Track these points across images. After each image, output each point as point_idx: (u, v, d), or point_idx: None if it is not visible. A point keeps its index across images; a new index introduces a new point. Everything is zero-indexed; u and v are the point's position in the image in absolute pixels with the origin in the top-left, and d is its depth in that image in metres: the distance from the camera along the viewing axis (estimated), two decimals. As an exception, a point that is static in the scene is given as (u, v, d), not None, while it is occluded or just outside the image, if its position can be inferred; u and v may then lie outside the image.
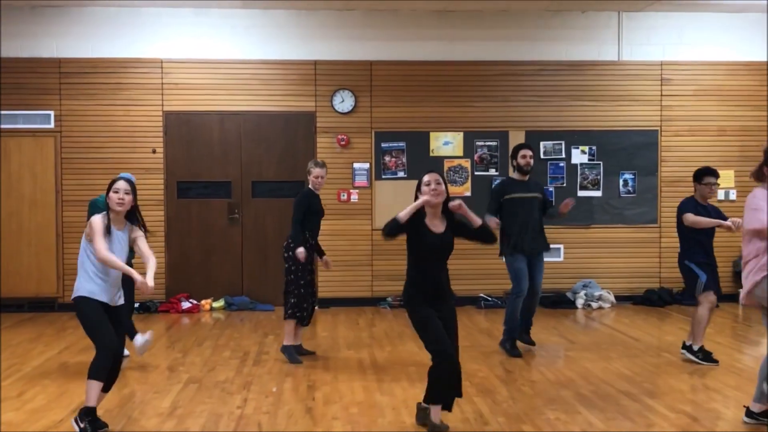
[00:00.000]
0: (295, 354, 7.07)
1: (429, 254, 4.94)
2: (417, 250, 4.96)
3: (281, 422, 5.27)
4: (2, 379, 6.52)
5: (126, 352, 6.72)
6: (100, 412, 5.43)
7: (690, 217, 6.86)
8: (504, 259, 7.49)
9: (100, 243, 4.83)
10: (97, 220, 4.91)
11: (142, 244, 5.12)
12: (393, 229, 4.84)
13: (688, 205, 6.98)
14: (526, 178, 7.44)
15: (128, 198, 4.97)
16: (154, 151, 10.31)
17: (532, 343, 7.53)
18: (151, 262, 5.05)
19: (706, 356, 6.91)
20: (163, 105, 10.32)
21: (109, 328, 4.89)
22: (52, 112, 10.21)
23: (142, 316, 9.67)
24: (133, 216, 5.10)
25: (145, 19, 10.26)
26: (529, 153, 7.43)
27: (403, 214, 4.82)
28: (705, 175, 6.98)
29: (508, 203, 7.34)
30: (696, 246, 6.90)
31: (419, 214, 4.92)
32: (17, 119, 10.13)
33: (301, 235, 7.03)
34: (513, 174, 7.59)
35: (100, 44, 10.23)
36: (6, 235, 10.12)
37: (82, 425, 4.79)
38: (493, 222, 7.13)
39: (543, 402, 5.76)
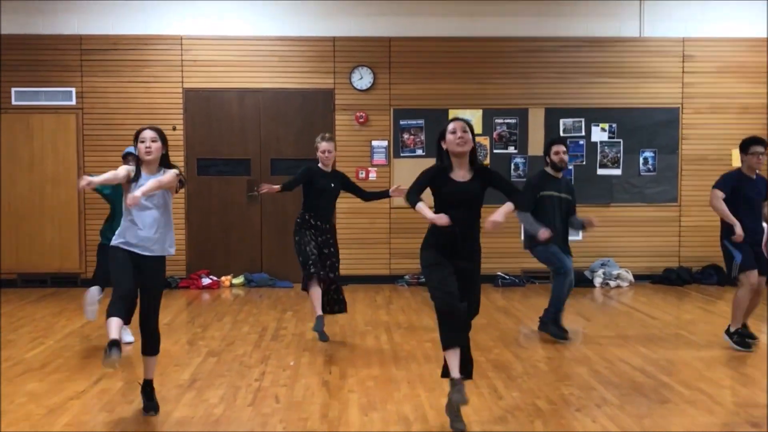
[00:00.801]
0: (320, 327, 6.75)
1: (451, 204, 4.64)
2: (439, 200, 4.72)
3: (298, 395, 5.34)
4: (27, 350, 6.65)
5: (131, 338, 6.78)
6: (119, 384, 5.55)
7: (713, 199, 6.51)
8: (531, 252, 7.19)
9: (109, 173, 4.76)
10: (122, 167, 4.82)
11: (165, 175, 4.78)
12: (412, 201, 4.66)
13: (726, 179, 6.59)
14: (560, 175, 7.20)
15: (155, 146, 4.79)
16: (174, 128, 10.37)
17: (565, 335, 7.10)
18: (156, 179, 4.73)
19: (741, 340, 6.58)
20: (183, 82, 10.38)
21: (124, 273, 4.71)
22: (73, 89, 10.30)
23: (163, 292, 9.75)
24: (167, 163, 4.89)
25: (166, -5, 10.31)
26: (562, 149, 7.13)
27: (418, 208, 4.60)
28: (751, 144, 6.54)
29: (540, 200, 7.04)
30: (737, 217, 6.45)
31: (445, 168, 4.68)
32: (39, 96, 10.23)
33: (282, 186, 6.98)
34: (546, 168, 7.22)
35: (120, 21, 10.29)
36: (29, 212, 10.25)
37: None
38: (546, 234, 6.21)
39: (557, 378, 5.79)
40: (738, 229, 6.39)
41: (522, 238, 7.25)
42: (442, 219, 4.52)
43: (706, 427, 4.69)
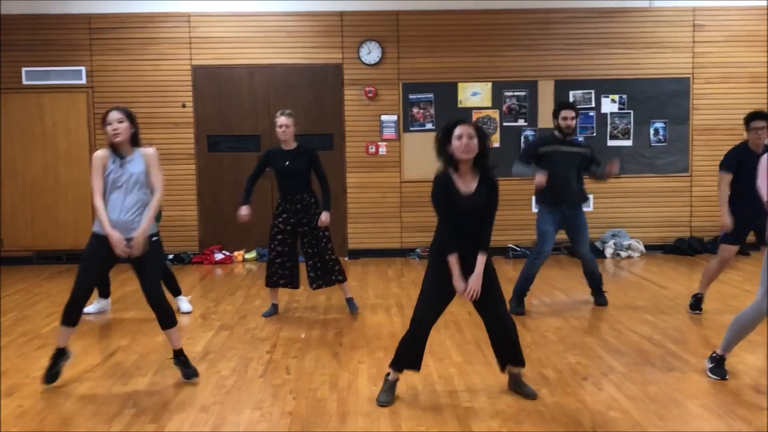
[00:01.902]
0: (268, 314, 7.04)
1: (458, 217, 4.49)
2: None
3: (308, 366, 5.43)
4: (43, 325, 6.78)
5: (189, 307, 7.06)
6: (134, 357, 5.65)
7: (719, 184, 6.50)
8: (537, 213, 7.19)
9: (94, 185, 4.82)
10: (95, 157, 4.85)
11: (153, 172, 4.90)
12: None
13: (730, 156, 6.52)
14: (567, 139, 7.07)
15: (122, 126, 4.81)
16: (183, 106, 10.43)
17: (605, 303, 7.24)
18: (154, 198, 4.89)
19: (695, 303, 6.88)
20: (191, 59, 10.41)
21: (88, 272, 4.91)
22: (83, 68, 10.35)
23: (176, 268, 9.89)
24: (137, 142, 4.93)
25: (173, -28, 10.32)
26: (571, 114, 6.99)
27: (451, 264, 4.47)
28: (752, 119, 6.46)
29: (543, 158, 6.95)
30: (734, 194, 6.47)
31: (448, 179, 4.47)
32: (49, 75, 10.30)
33: (246, 194, 6.94)
34: (555, 132, 7.11)
35: (128, -1, 10.33)
36: (43, 189, 10.37)
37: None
38: (542, 179, 6.66)
39: (565, 347, 5.84)
40: (726, 219, 6.41)
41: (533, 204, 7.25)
42: (459, 286, 4.50)
43: (711, 394, 4.74)
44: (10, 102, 10.30)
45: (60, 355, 5.05)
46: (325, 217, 6.85)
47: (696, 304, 6.89)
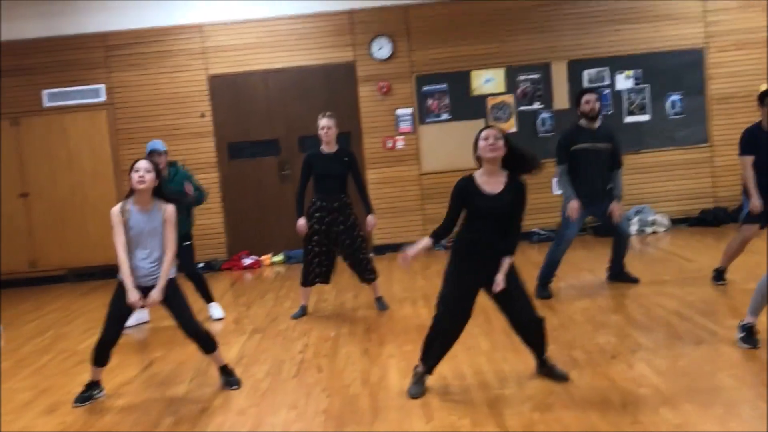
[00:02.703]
0: (297, 316, 7.14)
1: (478, 216, 4.60)
2: (469, 212, 4.65)
3: (340, 363, 5.53)
4: (81, 341, 6.95)
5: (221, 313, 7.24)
6: (171, 366, 5.78)
7: (742, 169, 6.42)
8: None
9: (116, 240, 4.94)
10: (113, 213, 4.96)
11: (168, 229, 5.00)
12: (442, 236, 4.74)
13: (745, 140, 6.42)
14: (595, 125, 7.00)
15: (149, 176, 4.90)
16: (202, 115, 10.57)
17: (634, 279, 7.25)
18: (167, 256, 4.98)
19: (717, 275, 6.87)
20: (207, 69, 10.55)
21: (114, 320, 5.06)
22: (102, 86, 10.54)
23: (207, 275, 10.00)
24: (161, 194, 5.03)
25: (182, -15, 10.46)
26: (593, 97, 6.94)
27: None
28: (765, 96, 6.33)
29: (574, 155, 6.92)
30: (756, 171, 6.38)
31: (470, 181, 4.60)
32: (69, 96, 10.51)
33: (300, 206, 6.96)
34: (580, 121, 7.06)
35: (141, 15, 10.47)
36: (71, 208, 10.59)
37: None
38: (573, 209, 6.83)
39: (593, 327, 5.88)
40: (755, 201, 6.36)
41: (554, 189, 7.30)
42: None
43: (742, 365, 4.77)
44: (33, 125, 10.53)
45: (93, 387, 5.21)
46: (371, 219, 7.07)
47: (719, 275, 6.88)
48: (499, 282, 4.61)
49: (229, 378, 5.21)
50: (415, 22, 10.50)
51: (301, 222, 6.93)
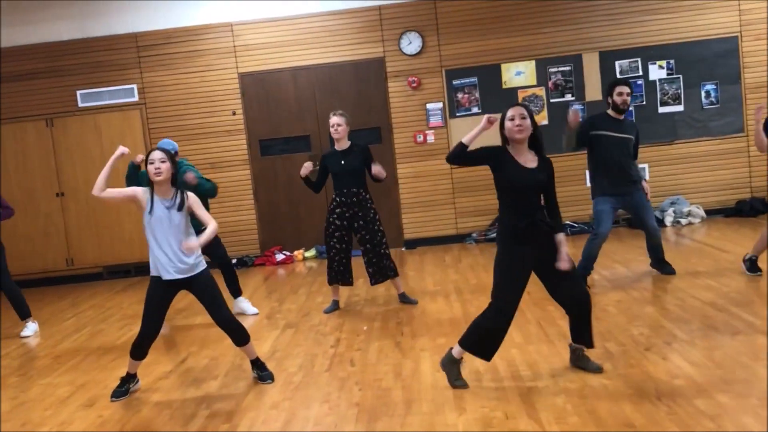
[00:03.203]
0: (331, 308, 7.21)
1: (519, 190, 4.57)
2: (505, 187, 4.60)
3: (372, 357, 5.54)
4: (117, 338, 7.05)
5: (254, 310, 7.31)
6: (205, 361, 5.84)
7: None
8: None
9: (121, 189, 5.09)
10: (136, 188, 5.06)
11: (199, 210, 5.04)
12: (456, 154, 4.65)
13: None
14: (621, 117, 6.98)
15: (165, 166, 4.90)
16: (233, 113, 10.65)
17: (672, 272, 7.18)
18: (210, 227, 4.97)
19: (751, 266, 6.75)
20: (237, 67, 10.62)
21: (152, 315, 5.03)
22: (134, 86, 10.66)
23: (240, 271, 10.11)
24: (176, 184, 5.02)
25: (211, -16, 10.54)
26: (626, 90, 6.89)
27: (467, 137, 4.65)
28: None
29: (596, 140, 6.88)
30: None
31: (504, 150, 4.65)
32: (102, 96, 10.65)
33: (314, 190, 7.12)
34: (608, 110, 7.01)
35: (171, 15, 10.57)
36: (107, 207, 10.70)
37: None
38: (574, 116, 6.65)
39: (627, 319, 5.83)
40: None
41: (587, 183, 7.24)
42: (484, 123, 4.59)
43: (777, 355, 4.69)
44: (68, 125, 10.69)
45: (129, 379, 5.28)
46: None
47: (752, 266, 6.77)
48: (564, 258, 4.57)
49: (261, 372, 5.24)
50: (443, 16, 10.47)
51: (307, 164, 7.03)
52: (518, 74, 10.49)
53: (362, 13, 10.49)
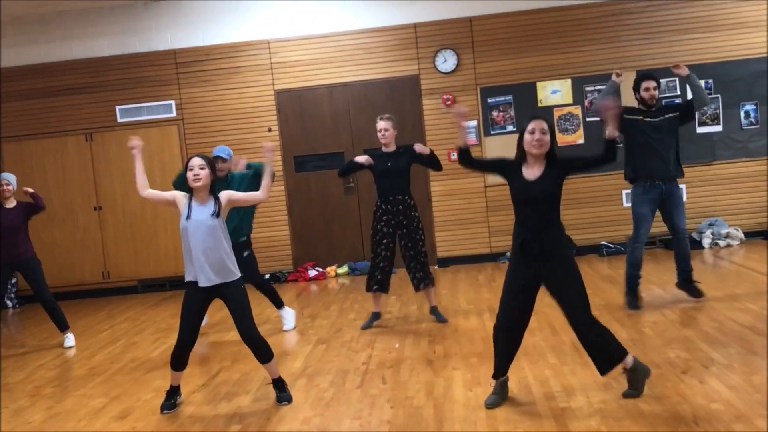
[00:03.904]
0: (368, 324, 7.17)
1: (520, 203, 4.60)
2: (512, 200, 4.66)
3: (404, 375, 5.52)
4: (151, 350, 7.11)
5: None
6: (237, 376, 5.86)
7: None
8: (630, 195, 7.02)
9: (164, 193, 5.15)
10: (176, 192, 5.13)
11: (237, 195, 5.10)
12: (459, 155, 4.73)
13: None
14: (652, 109, 6.86)
15: (204, 173, 4.93)
16: (269, 130, 10.74)
17: (698, 294, 6.90)
18: (264, 184, 5.09)
19: None
20: (273, 84, 10.72)
21: (188, 321, 5.07)
22: (173, 102, 10.81)
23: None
24: (214, 191, 5.03)
25: (250, 2, 10.64)
26: (653, 84, 6.81)
27: (460, 140, 4.77)
28: None
29: (629, 124, 6.71)
30: None
31: (518, 161, 4.63)
32: (141, 111, 10.81)
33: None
34: (639, 106, 6.95)
35: (210, 32, 10.72)
36: (143, 221, 10.86)
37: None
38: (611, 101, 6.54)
39: (663, 342, 5.74)
40: None
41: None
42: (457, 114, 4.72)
43: (819, 381, 4.58)
44: (107, 140, 10.86)
45: (175, 392, 5.31)
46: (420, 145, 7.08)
47: None
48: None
49: (280, 393, 5.19)
50: (479, 34, 10.48)
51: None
52: (554, 92, 10.44)
53: (398, 31, 10.54)
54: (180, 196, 5.09)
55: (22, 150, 10.90)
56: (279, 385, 5.24)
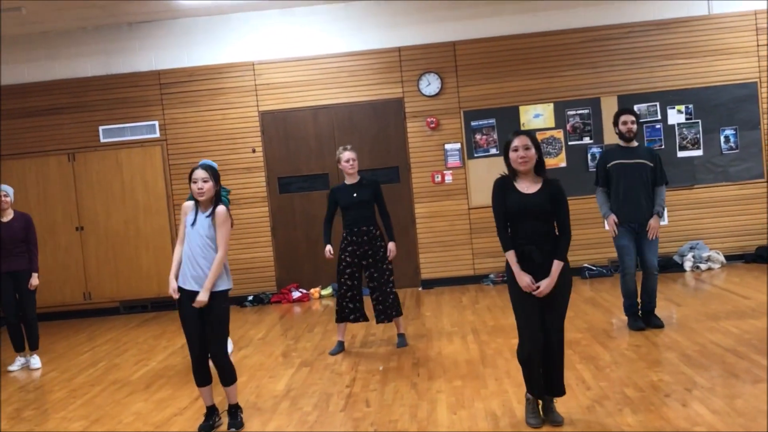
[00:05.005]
0: (334, 352, 7.10)
1: (519, 214, 4.57)
2: (508, 213, 4.61)
3: (388, 398, 5.50)
4: (132, 372, 7.04)
5: None
6: (220, 397, 5.81)
7: None
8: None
9: (179, 232, 5.13)
10: (183, 206, 5.13)
11: (221, 229, 5.00)
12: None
13: None
14: (633, 144, 7.06)
15: (207, 186, 4.97)
16: (253, 151, 10.74)
17: (659, 325, 6.92)
18: (217, 256, 4.97)
19: None
20: (258, 105, 10.73)
21: (191, 332, 5.04)
22: (156, 122, 10.79)
23: (256, 309, 10.14)
24: (218, 202, 5.06)
25: (235, 25, 10.68)
26: (630, 118, 7.00)
27: (508, 257, 4.64)
28: None
29: (611, 171, 7.02)
30: None
31: (509, 179, 4.67)
32: (125, 132, 10.77)
33: (325, 235, 7.07)
34: (619, 142, 7.14)
35: (194, 53, 10.73)
36: (125, 241, 10.78)
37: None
38: (609, 225, 7.03)
39: (646, 365, 5.76)
40: None
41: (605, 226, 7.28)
42: (523, 281, 4.54)
43: (800, 404, 4.61)
44: (90, 160, 10.81)
45: (212, 413, 5.21)
46: (392, 246, 7.00)
47: None
48: (543, 286, 4.53)
49: (231, 420, 5.15)
50: (462, 58, 10.56)
51: (328, 248, 7.05)
52: (537, 116, 10.53)
53: (382, 55, 10.60)
54: (188, 207, 5.10)
55: (3, 169, 10.83)
56: (233, 411, 5.19)
